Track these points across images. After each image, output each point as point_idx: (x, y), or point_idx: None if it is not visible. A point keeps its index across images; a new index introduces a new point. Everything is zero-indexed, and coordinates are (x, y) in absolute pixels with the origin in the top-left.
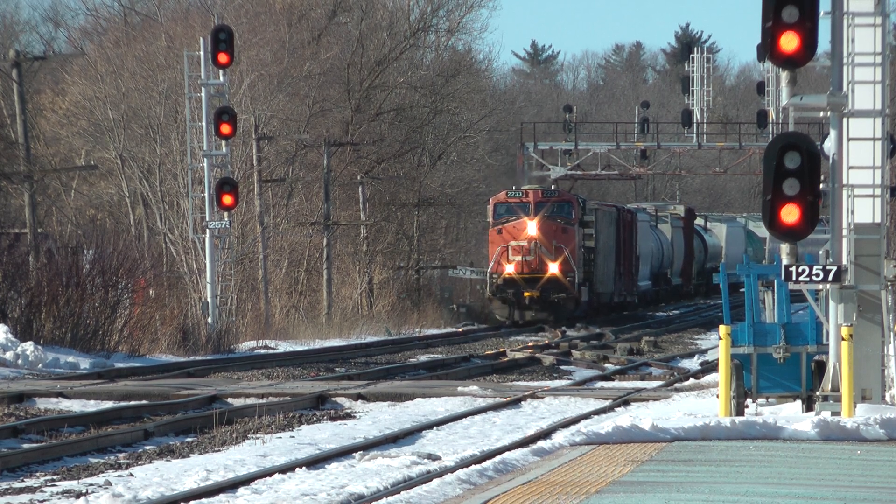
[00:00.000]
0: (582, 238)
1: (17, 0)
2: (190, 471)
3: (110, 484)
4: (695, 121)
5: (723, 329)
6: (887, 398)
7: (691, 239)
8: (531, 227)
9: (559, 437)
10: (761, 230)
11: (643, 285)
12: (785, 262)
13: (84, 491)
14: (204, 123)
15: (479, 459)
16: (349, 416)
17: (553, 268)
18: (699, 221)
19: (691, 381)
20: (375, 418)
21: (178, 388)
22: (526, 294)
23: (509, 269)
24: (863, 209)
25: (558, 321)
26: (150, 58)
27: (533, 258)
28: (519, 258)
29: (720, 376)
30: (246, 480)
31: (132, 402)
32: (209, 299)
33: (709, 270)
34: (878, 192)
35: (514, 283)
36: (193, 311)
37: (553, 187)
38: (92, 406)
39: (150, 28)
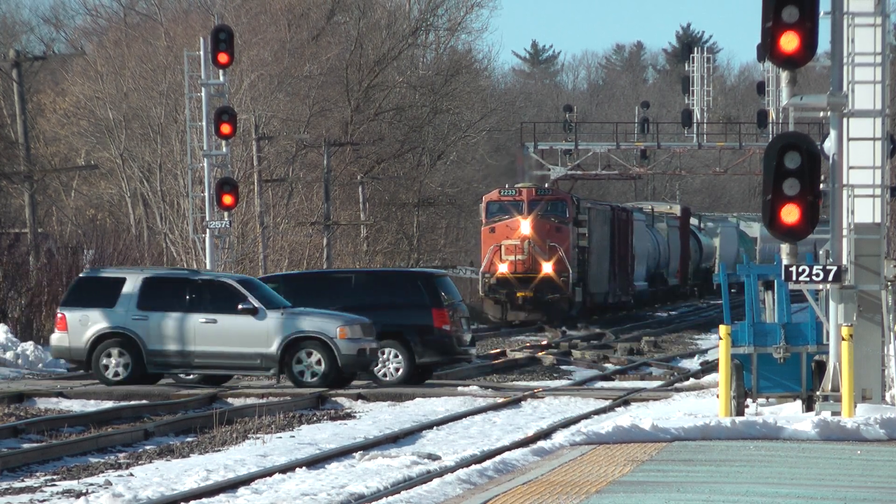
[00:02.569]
0: (576, 237)
1: (17, 0)
2: (190, 471)
3: (110, 484)
4: (695, 121)
5: (723, 329)
6: (887, 398)
7: (687, 239)
8: (524, 225)
9: (559, 437)
10: (752, 230)
11: (639, 285)
12: (785, 262)
13: (84, 491)
14: (204, 123)
15: (480, 459)
16: (349, 416)
17: (547, 267)
18: (694, 221)
19: (691, 381)
20: (375, 418)
21: (178, 388)
22: (519, 294)
23: (502, 268)
24: (863, 209)
25: (551, 322)
26: (150, 58)
27: (526, 257)
28: (512, 257)
29: (720, 376)
30: (246, 480)
31: (132, 402)
32: None
33: (704, 270)
34: (878, 192)
35: (507, 283)
36: None
37: (547, 185)
38: (92, 406)
39: (150, 28)
